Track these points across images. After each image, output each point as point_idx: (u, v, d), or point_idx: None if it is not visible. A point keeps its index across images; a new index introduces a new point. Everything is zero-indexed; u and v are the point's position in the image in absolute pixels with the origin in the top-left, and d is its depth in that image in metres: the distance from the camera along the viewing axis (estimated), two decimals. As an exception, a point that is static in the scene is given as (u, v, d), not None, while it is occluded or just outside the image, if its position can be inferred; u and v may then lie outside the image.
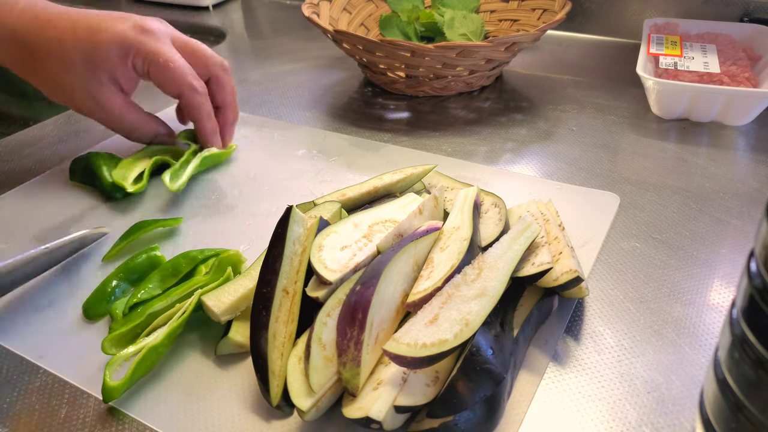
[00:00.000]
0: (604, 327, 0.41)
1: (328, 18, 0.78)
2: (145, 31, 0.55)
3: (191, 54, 0.58)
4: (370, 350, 0.35)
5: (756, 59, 0.68)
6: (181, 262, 0.46)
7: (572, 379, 0.38)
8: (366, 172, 0.59)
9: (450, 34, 0.75)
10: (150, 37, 0.55)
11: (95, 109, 0.56)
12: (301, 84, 0.80)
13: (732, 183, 0.55)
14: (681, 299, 0.43)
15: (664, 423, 0.35)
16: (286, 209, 0.41)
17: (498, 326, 0.36)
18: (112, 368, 0.37)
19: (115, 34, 0.54)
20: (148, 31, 0.55)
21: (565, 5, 0.73)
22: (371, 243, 0.42)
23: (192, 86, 0.56)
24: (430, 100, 0.73)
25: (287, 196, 0.57)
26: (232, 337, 0.40)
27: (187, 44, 0.59)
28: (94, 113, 0.57)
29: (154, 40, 0.55)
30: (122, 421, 0.37)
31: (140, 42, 0.54)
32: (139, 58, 0.55)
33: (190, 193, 0.58)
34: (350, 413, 0.33)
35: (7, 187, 0.60)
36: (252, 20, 1.07)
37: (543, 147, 0.63)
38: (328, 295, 0.38)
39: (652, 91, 0.65)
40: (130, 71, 0.55)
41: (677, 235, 0.49)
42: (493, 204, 0.47)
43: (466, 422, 0.33)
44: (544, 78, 0.78)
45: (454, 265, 0.37)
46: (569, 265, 0.39)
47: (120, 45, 0.54)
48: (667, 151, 0.61)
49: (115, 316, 0.43)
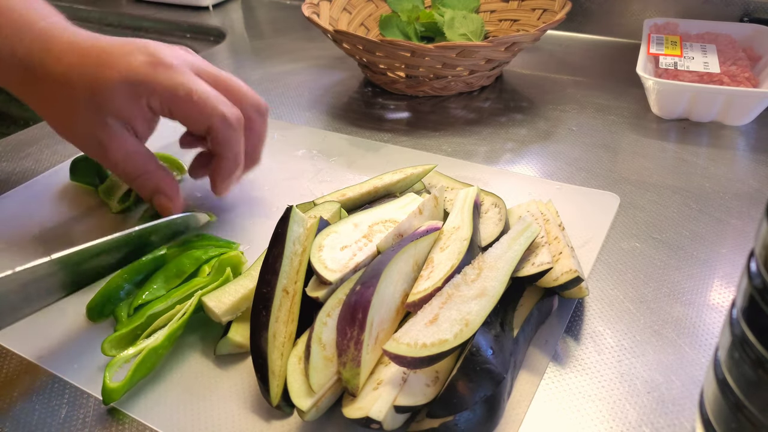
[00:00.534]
0: (604, 327, 0.41)
1: (328, 18, 0.78)
2: (160, 64, 0.47)
3: (224, 89, 0.50)
4: (370, 350, 0.35)
5: (756, 59, 0.68)
6: (185, 262, 0.46)
7: (572, 379, 0.38)
8: (366, 172, 0.59)
9: (450, 34, 0.75)
10: (166, 71, 0.47)
11: (99, 153, 0.49)
12: (301, 84, 0.80)
13: (732, 183, 0.55)
14: (681, 299, 0.43)
15: (664, 423, 0.35)
16: (286, 209, 0.41)
17: (498, 326, 0.36)
18: (112, 370, 0.37)
19: (124, 71, 0.46)
20: (164, 64, 0.47)
21: (565, 5, 0.73)
22: (371, 243, 0.42)
23: (223, 116, 0.47)
24: (430, 100, 0.73)
25: (287, 196, 0.57)
26: (231, 337, 0.40)
27: (218, 79, 0.50)
28: (98, 156, 0.50)
29: (172, 73, 0.47)
30: (122, 422, 0.37)
31: (154, 79, 0.46)
32: (155, 98, 0.47)
33: (190, 193, 0.58)
34: (350, 413, 0.33)
35: (7, 187, 0.60)
36: (252, 20, 1.07)
37: (543, 147, 0.63)
38: (328, 295, 0.38)
39: (652, 91, 0.65)
40: (145, 112, 0.48)
41: (677, 235, 0.49)
42: (493, 204, 0.47)
43: (466, 422, 0.33)
44: (544, 78, 0.78)
45: (454, 265, 0.37)
46: (569, 265, 0.39)
47: (129, 84, 0.46)
48: (667, 151, 0.61)
49: (119, 318, 0.43)
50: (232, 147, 0.49)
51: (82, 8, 1.16)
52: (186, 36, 1.05)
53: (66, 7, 1.18)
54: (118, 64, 0.47)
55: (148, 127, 0.50)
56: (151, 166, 0.50)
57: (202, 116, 0.47)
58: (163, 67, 0.47)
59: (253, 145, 0.52)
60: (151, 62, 0.47)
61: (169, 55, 0.48)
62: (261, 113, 0.52)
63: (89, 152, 0.51)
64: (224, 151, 0.49)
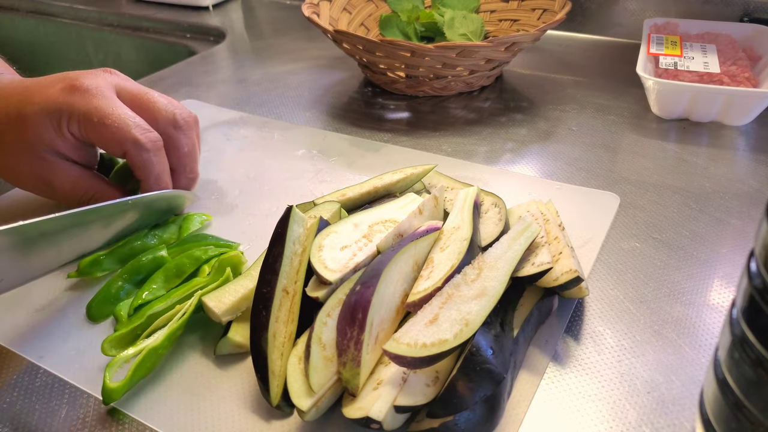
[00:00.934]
0: (604, 327, 0.41)
1: (328, 18, 0.78)
2: (76, 90, 0.47)
3: (139, 108, 0.50)
4: (370, 350, 0.35)
5: (756, 59, 0.68)
6: (185, 262, 0.46)
7: (572, 379, 0.38)
8: (366, 172, 0.59)
9: (450, 34, 0.75)
10: (82, 96, 0.47)
11: (48, 191, 0.50)
12: (301, 84, 0.80)
13: (732, 183, 0.55)
14: (681, 299, 0.43)
15: (664, 423, 0.35)
16: (286, 209, 0.41)
17: (498, 326, 0.36)
18: (112, 370, 0.37)
19: (43, 102, 0.47)
20: (80, 89, 0.47)
21: (565, 5, 0.73)
22: (371, 243, 0.42)
23: (135, 140, 0.47)
24: (430, 100, 0.73)
25: (287, 196, 0.57)
26: (231, 337, 0.40)
27: (135, 96, 0.50)
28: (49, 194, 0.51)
29: (88, 97, 0.47)
30: (122, 422, 0.37)
31: (69, 105, 0.46)
32: (73, 123, 0.47)
33: (190, 193, 0.58)
34: (350, 413, 0.33)
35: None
36: (252, 20, 1.07)
37: (543, 147, 0.63)
38: (328, 295, 0.38)
39: (652, 91, 0.65)
40: (69, 139, 0.48)
41: (677, 235, 0.49)
42: (493, 204, 0.47)
43: (466, 422, 0.33)
44: (544, 78, 0.78)
45: (454, 265, 0.37)
46: (569, 265, 0.39)
47: (48, 113, 0.46)
48: (667, 151, 0.61)
49: (119, 318, 0.43)
50: (151, 170, 0.49)
51: (82, 8, 1.16)
52: (186, 36, 1.05)
53: (66, 7, 1.18)
54: (38, 97, 0.47)
55: (85, 152, 0.50)
56: (99, 185, 0.51)
57: (115, 141, 0.47)
58: (80, 92, 0.47)
59: (180, 162, 0.52)
60: (68, 88, 0.47)
61: (86, 80, 0.48)
62: (180, 127, 0.51)
63: (40, 193, 0.51)
64: (143, 174, 0.49)
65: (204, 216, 0.53)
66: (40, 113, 0.47)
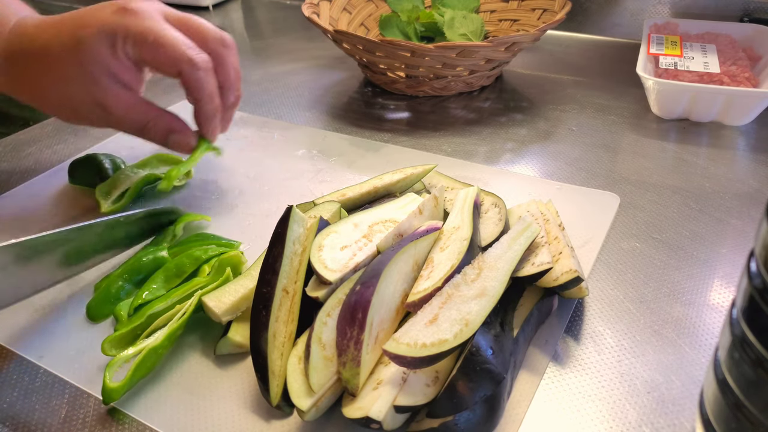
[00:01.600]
0: (604, 327, 0.41)
1: (328, 18, 0.78)
2: (128, 12, 0.49)
3: (187, 30, 0.51)
4: (370, 350, 0.35)
5: (756, 59, 0.68)
6: (185, 262, 0.46)
7: (572, 379, 0.38)
8: (366, 172, 0.59)
9: (450, 34, 0.75)
10: (135, 17, 0.48)
11: (104, 116, 0.51)
12: (301, 84, 0.80)
13: (732, 183, 0.55)
14: (681, 299, 0.43)
15: (664, 423, 0.35)
16: (286, 209, 0.41)
17: (498, 326, 0.36)
18: (112, 370, 0.37)
19: (97, 25, 0.48)
20: (131, 11, 0.49)
21: (565, 5, 0.73)
22: (371, 243, 0.42)
23: (190, 60, 0.49)
24: (430, 100, 0.73)
25: (287, 196, 0.57)
26: (231, 337, 0.40)
27: (181, 20, 0.52)
28: (105, 121, 0.51)
29: (141, 19, 0.48)
30: (122, 421, 0.37)
31: (124, 26, 0.48)
32: (129, 43, 0.48)
33: (190, 193, 0.58)
34: (350, 413, 0.33)
35: (8, 187, 0.60)
36: (252, 20, 1.07)
37: (543, 147, 0.63)
38: (328, 295, 0.38)
39: (652, 91, 0.65)
40: (123, 61, 0.49)
41: (677, 235, 0.49)
42: (493, 204, 0.47)
43: (466, 422, 0.33)
44: (544, 78, 0.78)
45: (454, 265, 0.37)
46: (569, 265, 0.39)
47: (105, 35, 0.48)
48: (667, 151, 0.61)
49: (119, 318, 0.43)
50: (205, 88, 0.51)
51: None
52: (186, 36, 1.05)
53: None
54: (91, 21, 0.49)
55: (135, 77, 0.51)
56: (154, 112, 0.52)
57: (170, 60, 0.49)
58: (132, 14, 0.49)
59: (228, 79, 0.54)
60: (120, 11, 0.49)
61: (136, 3, 0.50)
62: (227, 46, 0.53)
63: (94, 121, 0.52)
64: (198, 93, 0.51)
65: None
66: (97, 35, 0.48)
